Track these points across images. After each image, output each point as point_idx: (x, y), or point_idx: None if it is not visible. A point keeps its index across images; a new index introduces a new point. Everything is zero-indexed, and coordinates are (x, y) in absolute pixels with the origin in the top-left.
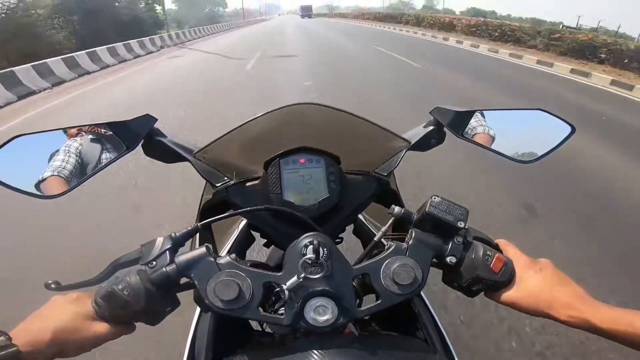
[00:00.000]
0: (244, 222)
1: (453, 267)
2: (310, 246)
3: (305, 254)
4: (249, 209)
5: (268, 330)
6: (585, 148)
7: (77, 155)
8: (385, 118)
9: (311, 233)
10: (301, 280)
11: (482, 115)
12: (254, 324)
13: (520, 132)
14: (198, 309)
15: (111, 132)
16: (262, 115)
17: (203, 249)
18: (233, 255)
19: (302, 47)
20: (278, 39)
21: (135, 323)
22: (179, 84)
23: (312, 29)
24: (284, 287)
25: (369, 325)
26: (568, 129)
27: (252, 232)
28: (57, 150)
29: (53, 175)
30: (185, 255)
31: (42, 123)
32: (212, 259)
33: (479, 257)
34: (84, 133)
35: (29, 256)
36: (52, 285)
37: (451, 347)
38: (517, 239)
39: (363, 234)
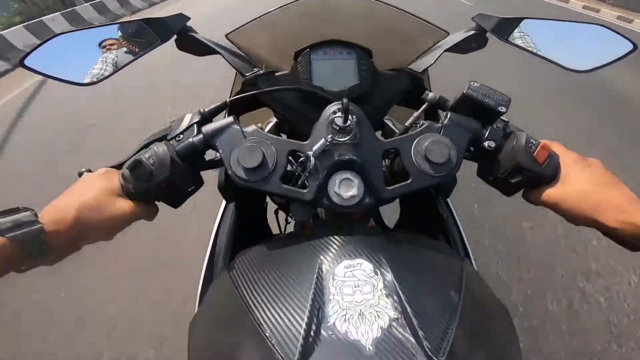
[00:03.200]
0: (271, 123)
1: (491, 155)
2: (339, 112)
3: (333, 117)
4: (278, 87)
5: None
6: None
7: (113, 63)
8: None
9: (340, 100)
10: (328, 143)
11: (531, 24)
12: (274, 229)
13: (573, 43)
14: (222, 204)
15: (146, 27)
16: (295, 1)
17: (230, 119)
18: (260, 125)
19: None
20: None
21: (157, 205)
22: None
23: None
24: (310, 153)
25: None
26: (629, 46)
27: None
28: (97, 58)
29: (92, 80)
30: (212, 124)
31: None
32: (238, 127)
33: (520, 144)
34: (119, 31)
35: None
36: (85, 172)
37: (471, 256)
38: None
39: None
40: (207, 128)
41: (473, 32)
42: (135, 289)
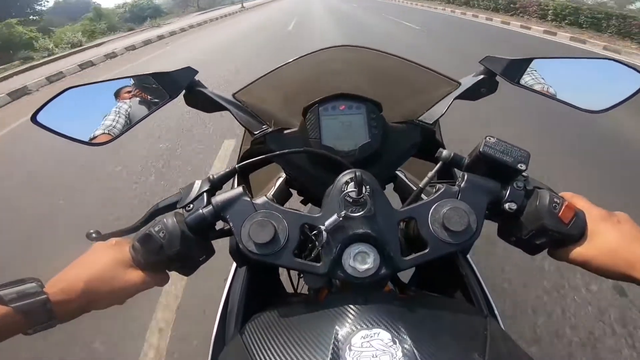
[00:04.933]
0: (281, 178)
1: (512, 217)
2: (352, 182)
3: (346, 190)
4: (287, 151)
5: (301, 292)
6: None
7: (126, 115)
8: None
9: (353, 169)
10: (341, 219)
11: (541, 64)
12: (288, 287)
13: (585, 81)
14: (234, 266)
15: (155, 82)
16: (302, 57)
17: (240, 190)
18: (270, 195)
19: None
20: None
21: (169, 273)
22: None
23: None
24: (322, 227)
25: (407, 287)
26: None
27: (290, 189)
28: (109, 112)
29: (104, 133)
30: (221, 195)
31: None
32: (249, 199)
33: (544, 205)
34: (130, 85)
35: None
36: (93, 235)
37: (496, 313)
38: None
39: (404, 191)
40: (217, 199)
41: (482, 76)
42: None
